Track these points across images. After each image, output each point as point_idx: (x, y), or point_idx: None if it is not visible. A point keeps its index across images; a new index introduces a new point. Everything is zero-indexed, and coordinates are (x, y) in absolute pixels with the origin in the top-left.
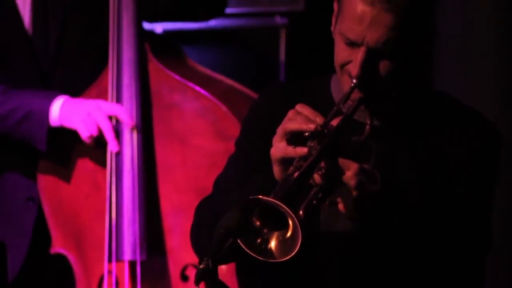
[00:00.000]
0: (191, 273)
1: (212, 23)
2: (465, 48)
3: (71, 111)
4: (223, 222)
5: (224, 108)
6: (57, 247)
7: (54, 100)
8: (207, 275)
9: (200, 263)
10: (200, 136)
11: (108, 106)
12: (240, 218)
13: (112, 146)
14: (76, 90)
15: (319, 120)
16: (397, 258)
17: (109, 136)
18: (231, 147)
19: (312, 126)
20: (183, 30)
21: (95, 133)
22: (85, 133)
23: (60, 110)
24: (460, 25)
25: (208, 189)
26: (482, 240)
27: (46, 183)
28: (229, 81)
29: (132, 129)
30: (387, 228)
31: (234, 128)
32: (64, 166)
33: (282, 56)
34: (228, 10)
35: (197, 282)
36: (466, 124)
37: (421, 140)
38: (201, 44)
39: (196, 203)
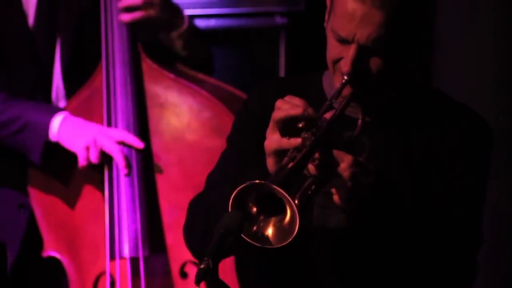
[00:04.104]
0: (190, 269)
1: (212, 23)
2: (465, 48)
3: (73, 133)
4: (224, 221)
5: (220, 104)
6: (50, 250)
7: (55, 115)
8: (208, 274)
9: (200, 262)
10: (197, 133)
11: (114, 132)
12: (241, 218)
13: (123, 170)
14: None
15: (304, 105)
16: (388, 253)
17: (120, 160)
18: None
19: (299, 110)
20: None
21: (97, 161)
22: (83, 161)
23: (59, 127)
24: (460, 25)
25: None
26: (474, 234)
27: (37, 187)
28: (220, 83)
29: (139, 152)
30: (380, 222)
31: (230, 123)
32: (56, 168)
33: (282, 56)
34: (228, 10)
35: (198, 282)
36: (458, 119)
37: (413, 135)
38: None
39: None
